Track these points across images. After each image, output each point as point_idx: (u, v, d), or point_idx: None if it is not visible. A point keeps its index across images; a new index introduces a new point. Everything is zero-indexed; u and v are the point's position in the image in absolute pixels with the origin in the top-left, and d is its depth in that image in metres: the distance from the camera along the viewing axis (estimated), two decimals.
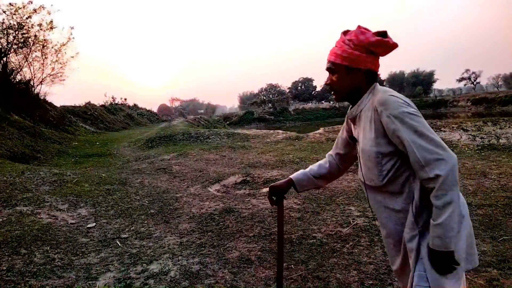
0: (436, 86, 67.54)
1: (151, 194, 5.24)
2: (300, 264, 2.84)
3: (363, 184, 1.47)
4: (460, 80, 62.32)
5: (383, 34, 1.34)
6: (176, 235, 3.65)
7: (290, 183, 1.70)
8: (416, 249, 1.26)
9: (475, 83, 61.25)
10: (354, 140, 1.48)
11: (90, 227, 3.89)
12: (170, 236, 3.61)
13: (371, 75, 1.37)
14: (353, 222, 3.70)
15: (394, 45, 1.35)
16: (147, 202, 4.85)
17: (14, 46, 14.48)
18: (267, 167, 6.83)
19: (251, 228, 3.72)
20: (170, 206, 4.66)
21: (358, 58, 1.34)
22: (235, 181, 5.89)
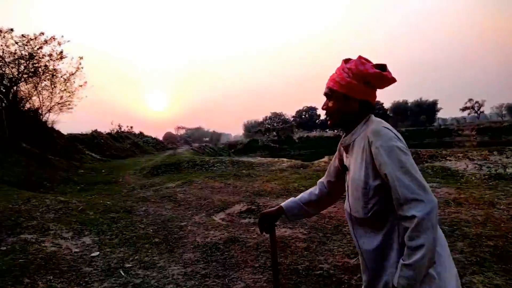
0: (439, 115, 67.80)
1: (155, 223, 5.21)
2: None
3: (348, 215, 1.45)
4: (463, 110, 62.60)
5: (383, 67, 1.36)
6: (180, 264, 3.59)
7: (281, 211, 1.67)
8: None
9: (478, 112, 61.45)
10: (345, 168, 1.47)
11: (94, 256, 3.85)
12: (175, 266, 3.56)
13: (367, 105, 1.38)
14: None
15: (392, 79, 1.37)
16: (151, 230, 4.81)
17: (25, 76, 14.86)
18: (272, 196, 6.79)
19: (256, 258, 3.66)
20: (174, 235, 4.62)
21: (355, 88, 1.35)
22: (240, 209, 5.85)
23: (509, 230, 3.98)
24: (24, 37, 14.66)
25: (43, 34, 15.11)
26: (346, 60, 1.42)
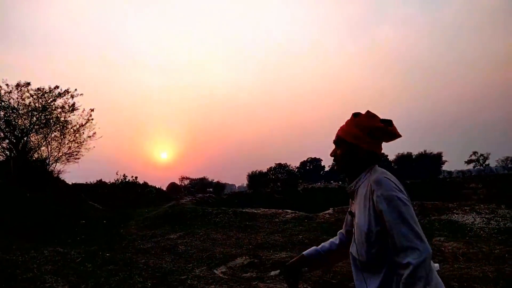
0: (444, 167, 67.44)
1: (155, 276, 5.05)
2: None
3: (352, 259, 1.47)
4: (468, 162, 62.43)
5: (389, 122, 1.46)
6: None
7: (303, 260, 1.68)
8: None
9: (484, 165, 61.20)
10: (352, 214, 1.52)
11: None
12: None
13: (372, 156, 1.47)
14: None
15: (397, 134, 1.46)
16: (150, 284, 4.66)
17: (36, 127, 15.27)
18: (275, 249, 6.62)
19: None
20: None
21: (362, 139, 1.45)
22: (242, 263, 5.69)
23: None
24: (40, 90, 15.29)
25: (58, 88, 15.77)
26: (356, 114, 1.52)
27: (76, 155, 17.20)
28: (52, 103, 15.68)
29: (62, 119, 16.19)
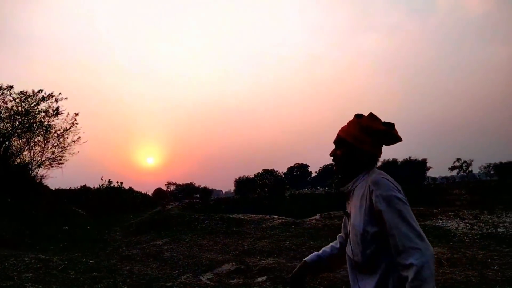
0: (429, 174, 68.50)
1: (139, 283, 4.96)
2: None
3: (348, 259, 1.47)
4: (452, 169, 63.63)
5: (391, 125, 1.47)
6: None
7: (306, 267, 1.66)
8: None
9: (467, 171, 62.47)
10: (347, 215, 1.52)
11: None
12: None
13: (372, 158, 1.47)
14: None
15: (398, 138, 1.47)
16: None
17: (18, 131, 14.91)
18: (262, 255, 6.59)
19: None
20: None
21: (364, 140, 1.45)
22: (229, 269, 5.64)
23: None
24: (23, 94, 14.95)
25: (42, 91, 15.45)
26: (358, 115, 1.52)
27: (60, 160, 16.86)
28: (35, 107, 15.35)
29: (46, 123, 15.86)
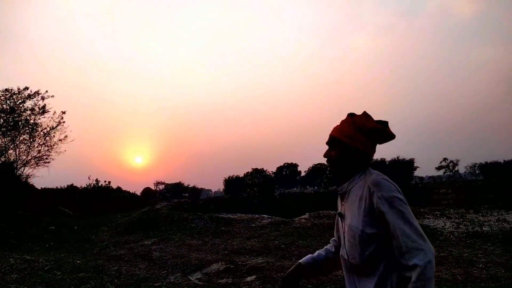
0: (416, 173, 69.52)
1: (127, 283, 4.91)
2: None
3: (344, 262, 1.45)
4: (439, 168, 64.70)
5: (385, 123, 1.46)
6: None
7: (300, 269, 1.62)
8: None
9: (453, 171, 63.60)
10: (341, 216, 1.50)
11: None
12: None
13: (366, 157, 1.45)
14: None
15: (392, 135, 1.46)
16: None
17: (3, 129, 14.63)
18: (252, 254, 6.59)
19: None
20: None
21: (358, 139, 1.43)
22: (218, 268, 5.62)
23: None
24: (8, 91, 14.67)
25: (28, 89, 15.18)
26: (351, 114, 1.50)
27: (46, 159, 16.62)
28: (21, 105, 15.08)
29: (32, 121, 15.59)
